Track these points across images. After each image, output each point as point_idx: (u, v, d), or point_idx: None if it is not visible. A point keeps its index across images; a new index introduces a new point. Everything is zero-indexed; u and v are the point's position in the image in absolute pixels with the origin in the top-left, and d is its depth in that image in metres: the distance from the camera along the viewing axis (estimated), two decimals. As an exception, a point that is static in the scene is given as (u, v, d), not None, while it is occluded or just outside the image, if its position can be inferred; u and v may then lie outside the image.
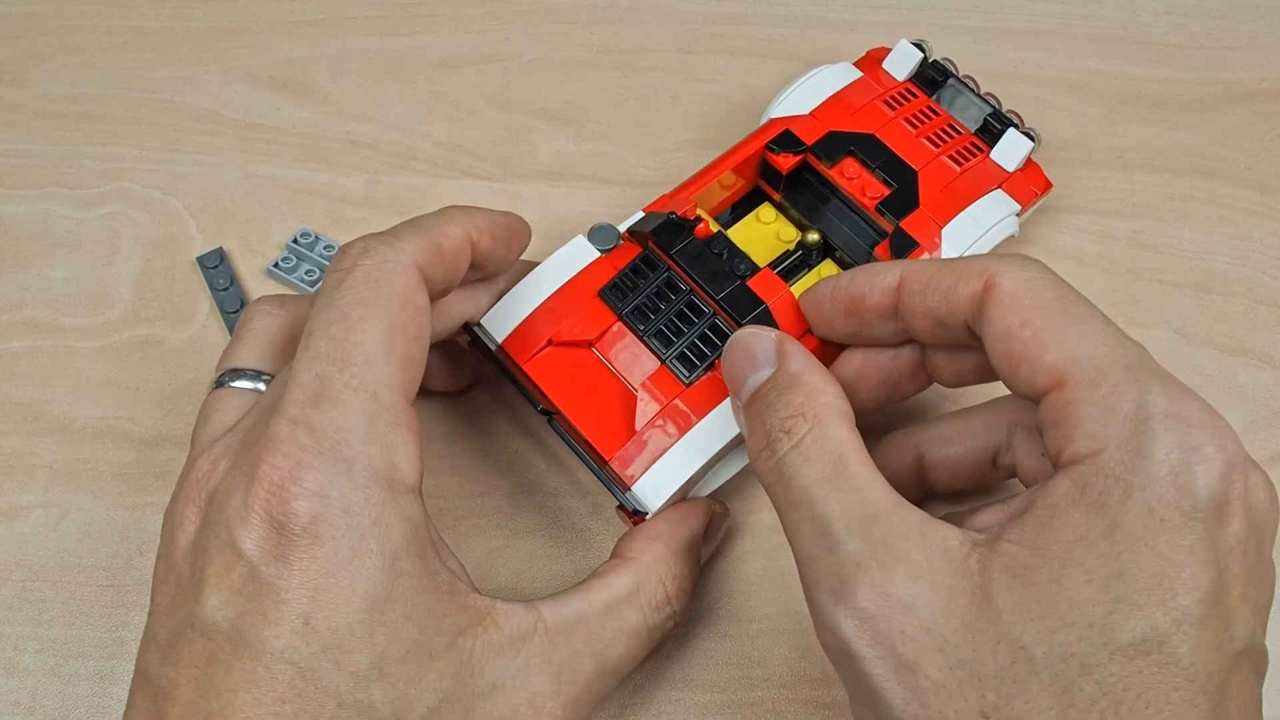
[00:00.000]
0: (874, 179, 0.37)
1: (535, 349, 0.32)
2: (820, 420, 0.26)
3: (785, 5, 0.48)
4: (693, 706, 0.32)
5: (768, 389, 0.27)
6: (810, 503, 0.25)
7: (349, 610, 0.23)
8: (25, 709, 0.32)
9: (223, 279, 0.39)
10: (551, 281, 0.33)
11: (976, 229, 0.36)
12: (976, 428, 0.31)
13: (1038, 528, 0.24)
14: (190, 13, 0.47)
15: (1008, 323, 0.26)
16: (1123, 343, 0.25)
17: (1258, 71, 0.46)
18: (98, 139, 0.43)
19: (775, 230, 0.38)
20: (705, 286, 0.33)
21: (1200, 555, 0.22)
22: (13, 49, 0.45)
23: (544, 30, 0.47)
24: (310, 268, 0.39)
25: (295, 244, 0.40)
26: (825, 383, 0.27)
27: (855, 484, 0.25)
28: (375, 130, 0.44)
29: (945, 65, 0.40)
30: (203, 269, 0.39)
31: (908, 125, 0.38)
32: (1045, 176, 0.38)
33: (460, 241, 0.28)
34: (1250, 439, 0.37)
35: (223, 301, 0.39)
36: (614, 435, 0.31)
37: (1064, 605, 0.22)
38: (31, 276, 0.40)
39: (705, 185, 0.36)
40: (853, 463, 0.25)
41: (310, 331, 0.26)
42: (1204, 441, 0.23)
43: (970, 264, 0.27)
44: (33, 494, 0.35)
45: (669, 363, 0.32)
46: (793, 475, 0.26)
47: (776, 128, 0.38)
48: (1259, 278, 0.40)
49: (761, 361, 0.28)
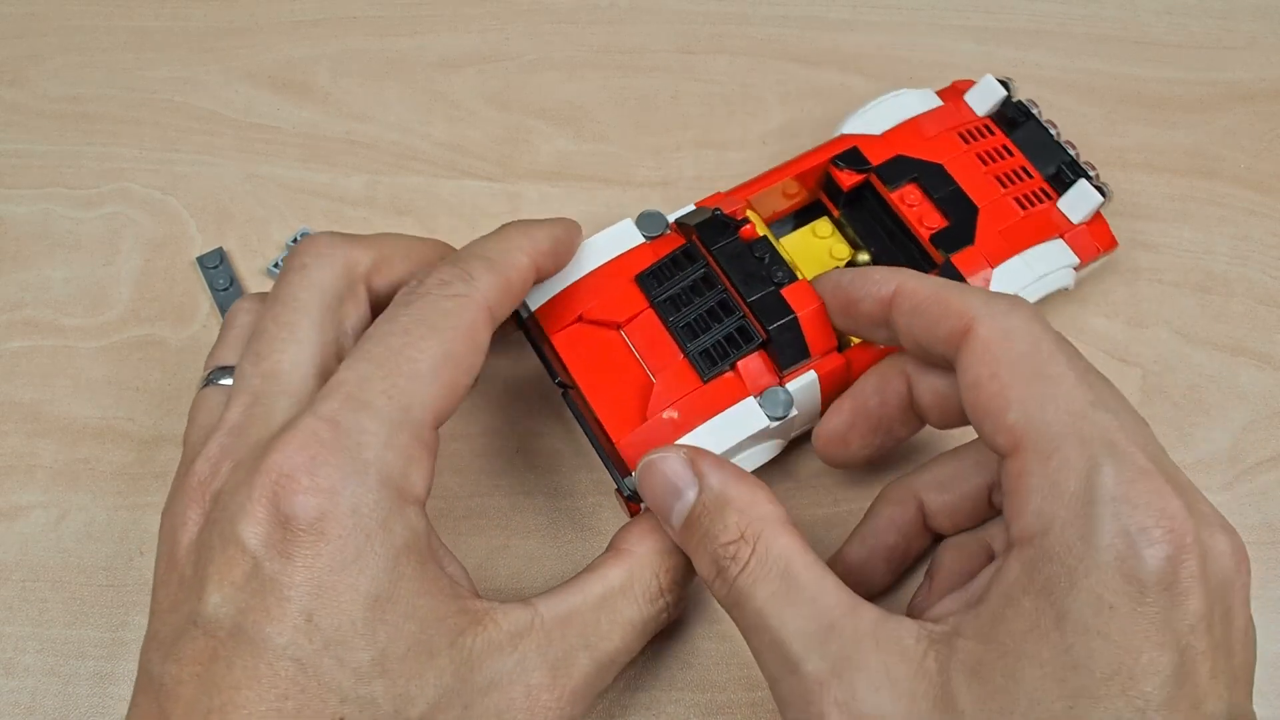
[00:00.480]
0: (933, 209, 0.36)
1: (565, 322, 0.33)
2: (761, 536, 0.26)
3: (785, 5, 0.48)
4: (693, 706, 0.32)
5: (698, 514, 0.27)
6: (766, 625, 0.25)
7: (352, 608, 0.23)
8: (25, 709, 0.32)
9: (223, 279, 0.39)
10: (592, 260, 0.34)
11: (1028, 275, 0.35)
12: (967, 469, 0.31)
13: (991, 620, 0.23)
14: (190, 13, 0.47)
15: (976, 373, 0.25)
16: (1087, 412, 0.24)
17: (1258, 71, 0.46)
18: (98, 139, 0.43)
19: (829, 246, 0.38)
20: (738, 287, 0.32)
21: (1156, 639, 0.22)
22: (13, 49, 0.45)
23: (544, 30, 0.47)
24: None
25: (295, 244, 0.40)
26: (754, 491, 0.27)
27: (806, 594, 0.25)
28: (375, 130, 0.44)
29: (1027, 106, 0.39)
30: (203, 269, 0.39)
31: (979, 161, 0.38)
32: (1111, 234, 0.37)
33: (527, 271, 0.29)
34: (1250, 439, 0.37)
35: (223, 301, 0.39)
36: (625, 419, 0.31)
37: (1023, 702, 0.22)
38: (31, 276, 0.40)
39: (762, 189, 0.36)
40: (799, 570, 0.25)
41: (368, 337, 0.26)
42: (1150, 524, 0.23)
43: (957, 299, 0.27)
44: (33, 494, 0.35)
45: (690, 356, 0.32)
46: (747, 599, 0.26)
47: (845, 143, 0.38)
48: (1259, 278, 0.40)
49: (682, 484, 0.27)
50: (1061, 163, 0.38)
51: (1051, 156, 0.38)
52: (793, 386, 0.32)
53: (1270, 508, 0.36)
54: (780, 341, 0.31)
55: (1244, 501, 0.36)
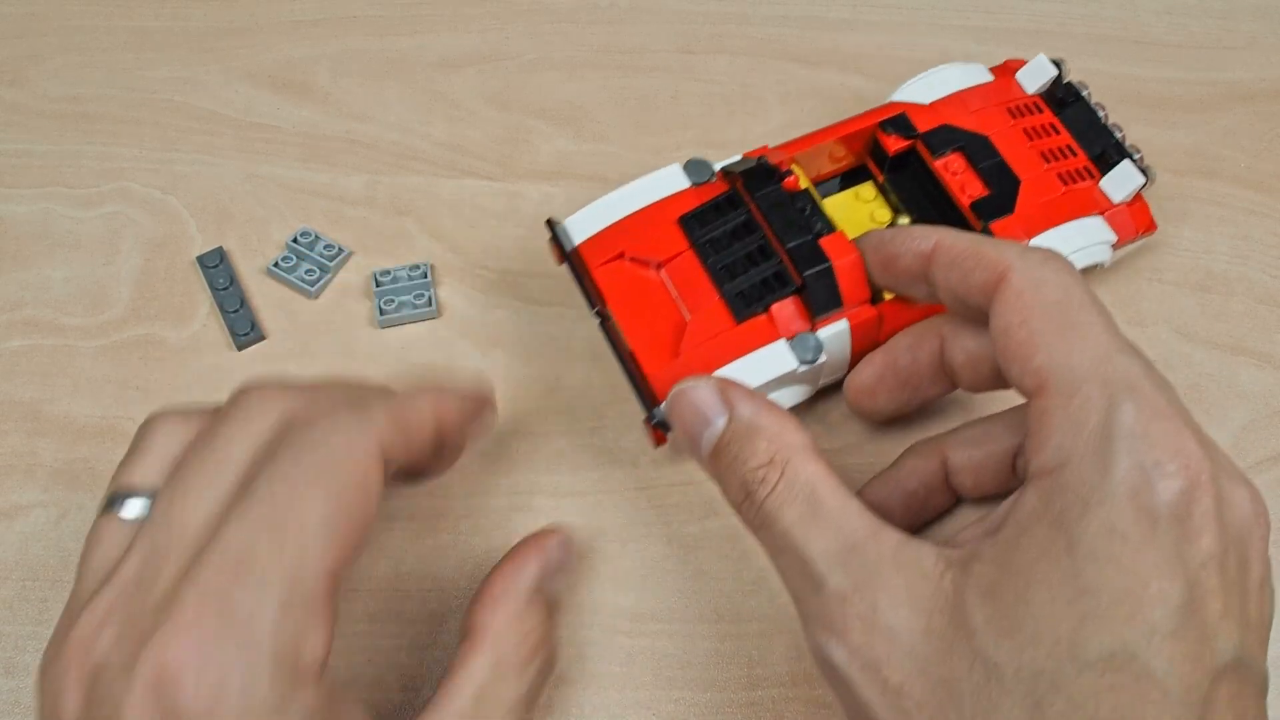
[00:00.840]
0: (976, 178, 0.37)
1: (607, 258, 0.34)
2: (789, 462, 0.27)
3: (785, 5, 0.48)
4: (693, 706, 0.32)
5: (728, 440, 0.28)
6: (792, 545, 0.26)
7: None
8: (25, 709, 0.32)
9: (223, 278, 0.39)
10: (639, 199, 0.35)
11: (1065, 247, 0.36)
12: (996, 431, 0.31)
13: (1006, 545, 0.24)
14: (190, 13, 0.47)
15: (1008, 319, 0.26)
16: (1113, 356, 0.25)
17: (1258, 71, 0.46)
18: (98, 139, 0.43)
19: (871, 210, 0.39)
20: (778, 234, 0.33)
21: (1166, 570, 0.22)
22: (13, 49, 0.45)
23: (544, 30, 0.47)
24: (310, 267, 0.39)
25: (295, 243, 0.40)
26: (782, 421, 0.28)
27: (831, 517, 0.26)
28: (375, 130, 0.44)
29: (1077, 88, 0.39)
30: (203, 269, 0.39)
31: (1024, 136, 0.38)
32: (1151, 217, 0.38)
33: (428, 428, 0.28)
34: (1250, 439, 0.37)
35: (223, 301, 0.39)
36: (658, 353, 0.33)
37: (1031, 622, 0.23)
38: (31, 276, 0.40)
39: (808, 147, 0.37)
40: (825, 496, 0.26)
41: (253, 491, 0.24)
42: (1165, 459, 0.23)
43: (993, 251, 0.27)
44: (33, 493, 0.35)
45: (726, 296, 0.33)
46: (774, 520, 0.26)
47: (894, 109, 0.38)
48: (1259, 278, 0.40)
49: (712, 414, 0.28)
50: (1107, 144, 0.38)
51: (1097, 137, 0.39)
52: (823, 333, 0.33)
53: (1270, 507, 0.36)
54: (814, 288, 0.32)
55: (1244, 501, 0.36)
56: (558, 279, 0.40)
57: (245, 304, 0.38)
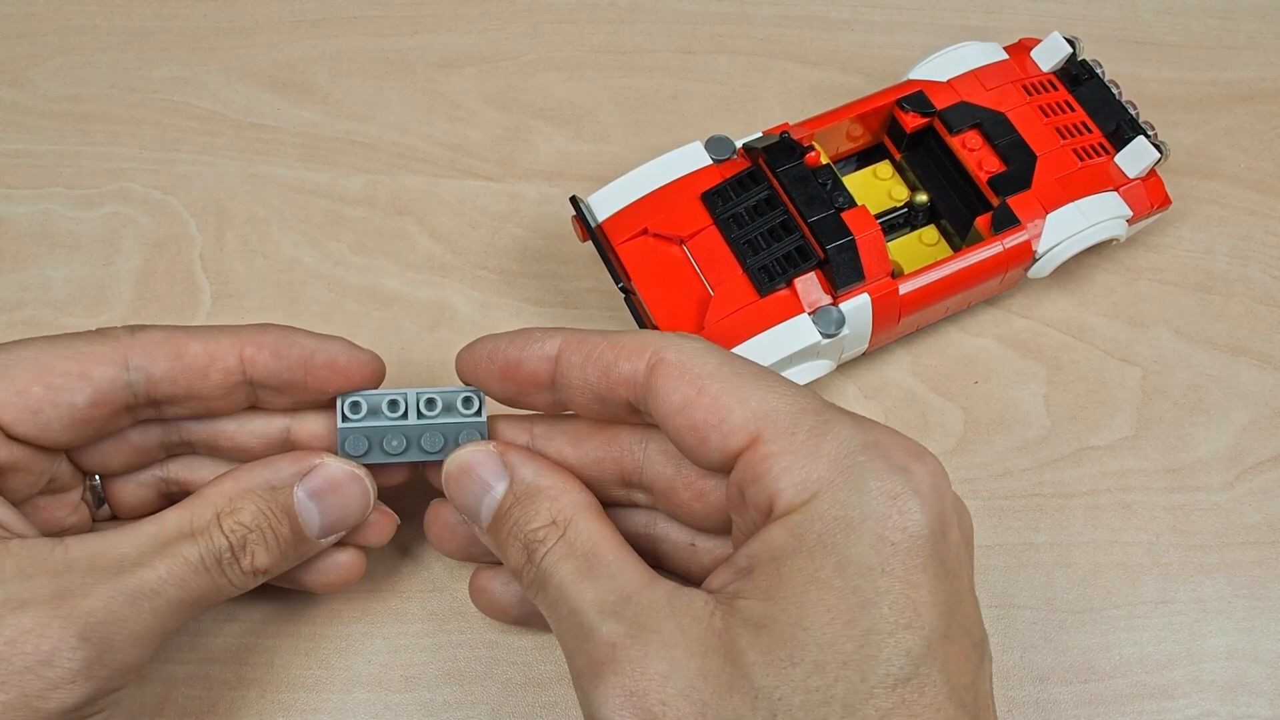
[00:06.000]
0: (993, 154, 0.37)
1: (631, 234, 0.35)
2: (571, 521, 0.26)
3: (785, 5, 0.48)
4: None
5: (509, 506, 0.27)
6: (565, 599, 0.25)
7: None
8: None
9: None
10: (661, 176, 0.36)
11: (1082, 221, 0.36)
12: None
13: (768, 578, 0.24)
14: (190, 13, 0.47)
15: (683, 393, 0.25)
16: (799, 391, 0.25)
17: (1258, 71, 0.46)
18: (98, 139, 0.43)
19: (888, 187, 0.39)
20: (800, 209, 0.34)
21: (934, 570, 0.23)
22: (13, 49, 0.45)
23: (544, 30, 0.47)
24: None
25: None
26: (564, 481, 0.27)
27: (607, 570, 0.25)
28: (375, 130, 0.44)
29: (1092, 65, 0.40)
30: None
31: (1040, 113, 0.39)
32: (1165, 192, 0.39)
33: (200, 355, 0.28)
34: (1250, 439, 0.37)
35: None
36: (683, 327, 0.33)
37: (813, 649, 0.22)
38: (31, 276, 0.40)
39: (827, 125, 0.38)
40: (604, 551, 0.26)
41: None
42: (907, 461, 0.24)
43: (631, 341, 0.27)
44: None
45: (749, 271, 0.34)
46: (550, 577, 0.26)
47: (911, 87, 0.39)
48: (1259, 278, 0.40)
49: (491, 479, 0.27)
50: (1121, 120, 0.39)
51: (1112, 114, 0.39)
52: (846, 307, 0.33)
53: (1270, 507, 0.36)
54: (837, 261, 0.33)
55: (1244, 501, 0.36)
56: (558, 279, 0.40)
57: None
